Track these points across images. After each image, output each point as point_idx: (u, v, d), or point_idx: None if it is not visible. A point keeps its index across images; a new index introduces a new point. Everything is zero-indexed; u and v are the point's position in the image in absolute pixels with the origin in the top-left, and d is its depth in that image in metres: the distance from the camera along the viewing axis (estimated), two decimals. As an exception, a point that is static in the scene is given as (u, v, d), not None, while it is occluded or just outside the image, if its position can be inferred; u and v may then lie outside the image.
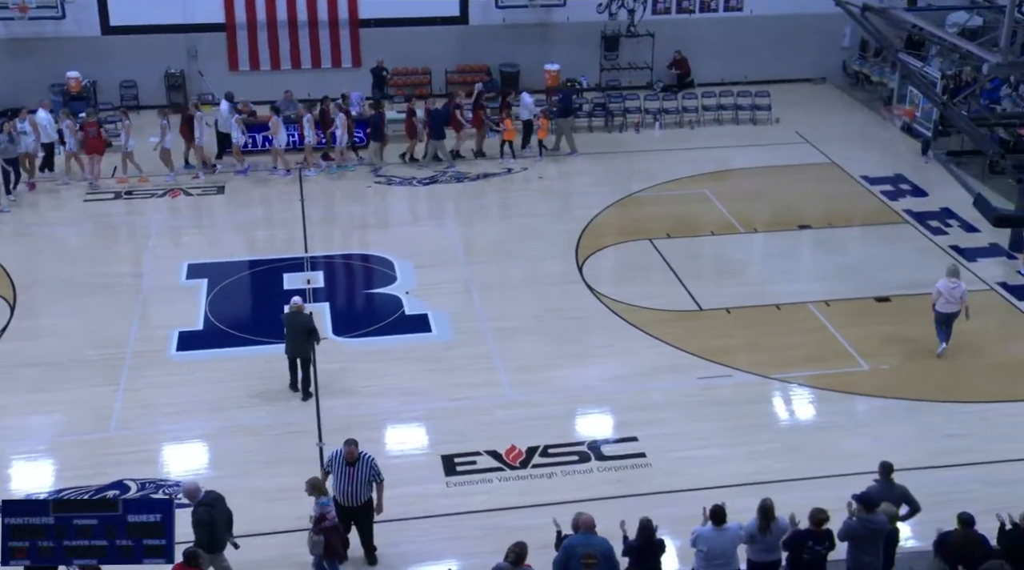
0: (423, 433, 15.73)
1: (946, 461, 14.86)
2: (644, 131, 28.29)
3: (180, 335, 18.11)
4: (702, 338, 17.96)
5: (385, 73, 28.48)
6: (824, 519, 11.63)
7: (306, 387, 16.42)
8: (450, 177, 24.95)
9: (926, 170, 25.19)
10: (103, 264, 20.72)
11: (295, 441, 15.31)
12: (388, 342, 18.02)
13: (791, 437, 15.63)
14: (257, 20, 29.09)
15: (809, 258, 21.57)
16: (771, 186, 24.60)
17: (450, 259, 21.02)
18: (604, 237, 21.85)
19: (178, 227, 22.58)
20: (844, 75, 32.10)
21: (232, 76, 29.14)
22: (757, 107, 28.84)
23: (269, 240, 21.94)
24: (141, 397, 16.38)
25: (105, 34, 28.68)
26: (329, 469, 12.89)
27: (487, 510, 13.94)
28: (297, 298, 16.81)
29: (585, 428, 15.82)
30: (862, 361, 17.39)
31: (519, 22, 29.91)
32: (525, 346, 17.79)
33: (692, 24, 30.90)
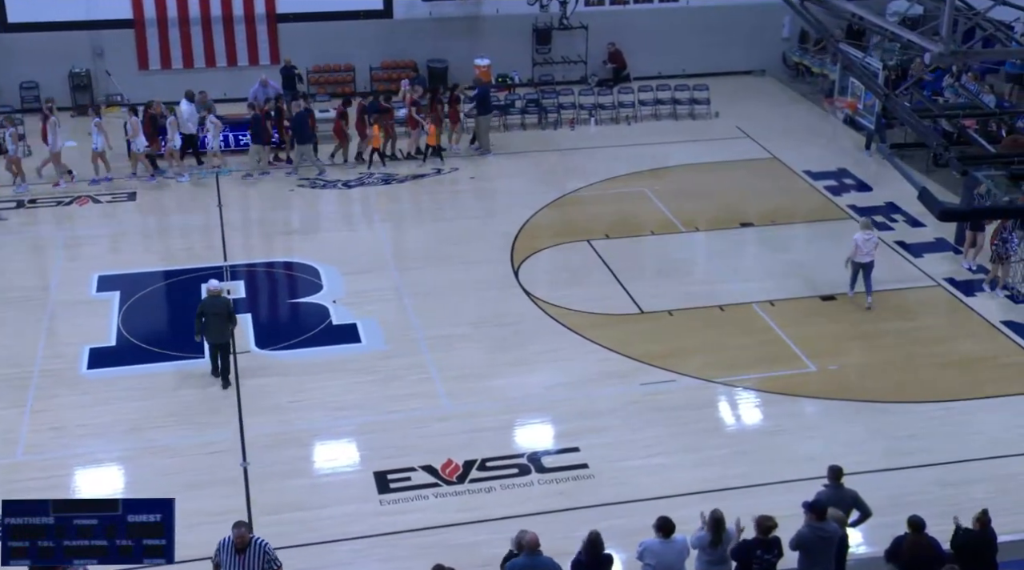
0: (355, 449, 15.62)
1: (899, 463, 15.10)
2: (579, 128, 28.43)
3: (91, 351, 17.79)
4: (644, 342, 18.07)
5: (295, 70, 28.01)
6: (771, 526, 11.72)
7: (226, 374, 16.75)
8: (377, 179, 24.83)
9: (870, 164, 25.65)
10: (6, 277, 20.27)
11: (218, 461, 15.10)
12: (315, 354, 17.87)
13: (739, 442, 15.77)
14: (168, 16, 28.70)
15: (752, 257, 21.81)
16: (712, 183, 24.85)
17: (379, 265, 20.91)
18: (540, 239, 21.90)
19: (87, 237, 22.17)
20: (784, 67, 32.57)
21: (142, 75, 28.73)
22: (695, 101, 29.12)
23: (185, 249, 21.62)
24: (51, 418, 16.04)
25: (3, 31, 28.09)
26: (218, 560, 11.65)
27: (424, 528, 13.86)
28: (214, 281, 17.21)
29: (525, 439, 15.82)
30: (809, 362, 17.61)
31: (446, 15, 29.89)
32: (461, 355, 17.76)
33: (627, 15, 31.14)
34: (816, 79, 31.37)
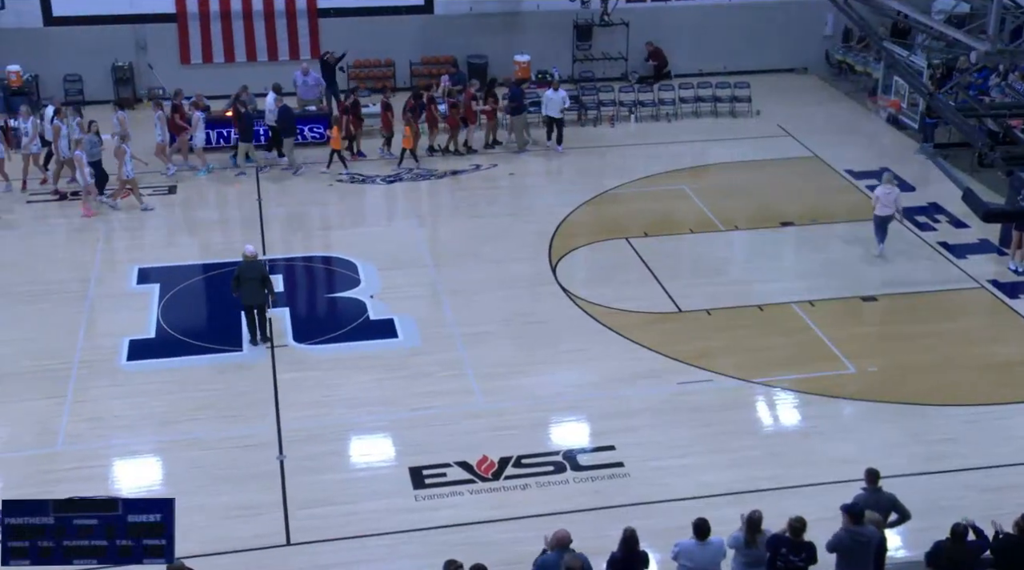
0: (389, 444, 15.69)
1: (937, 467, 14.98)
2: (619, 125, 28.37)
3: (131, 343, 17.98)
4: (681, 341, 18.03)
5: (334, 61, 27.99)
6: (801, 528, 11.65)
7: (264, 331, 17.70)
8: (415, 175, 24.92)
9: (913, 164, 25.40)
10: (47, 270, 20.53)
11: (254, 454, 15.23)
12: (352, 349, 17.97)
13: (774, 444, 15.71)
14: (210, 10, 28.94)
15: (792, 256, 21.69)
16: (752, 181, 24.73)
17: (417, 261, 20.99)
18: (578, 236, 21.89)
19: (127, 229, 22.42)
20: (827, 65, 32.32)
21: (184, 69, 28.99)
22: (737, 99, 28.98)
23: (225, 242, 21.79)
24: (89, 410, 16.25)
25: (48, 25, 28.45)
26: None
27: (458, 524, 13.92)
28: (250, 246, 17.99)
29: (560, 437, 15.84)
30: (848, 363, 17.51)
31: (486, 11, 29.92)
32: (496, 352, 17.79)
33: (668, 12, 31.03)
34: (859, 77, 31.11)
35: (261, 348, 17.78)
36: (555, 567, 11.36)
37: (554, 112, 25.96)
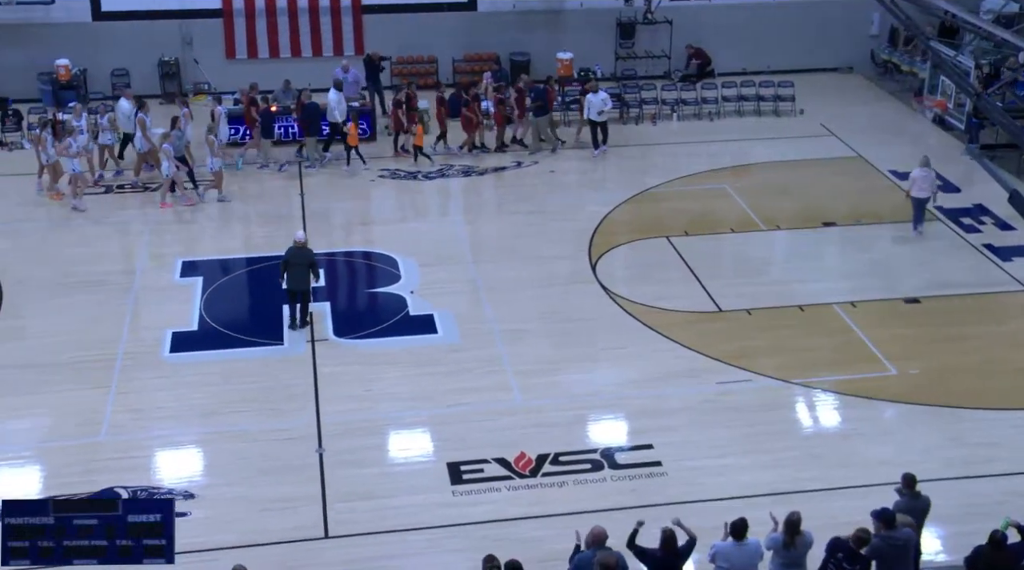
0: (428, 439, 15.75)
1: (978, 471, 14.83)
2: (661, 123, 28.28)
3: (174, 336, 18.16)
4: (721, 341, 17.95)
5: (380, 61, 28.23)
6: (865, 541, 11.53)
7: (304, 315, 18.11)
8: (457, 171, 24.97)
9: (959, 165, 25.14)
10: (93, 262, 20.77)
11: (293, 447, 15.34)
12: (392, 344, 18.05)
13: (813, 445, 15.61)
14: (255, 6, 29.15)
15: (834, 257, 21.53)
16: (794, 181, 24.57)
17: (457, 257, 21.04)
18: (618, 234, 21.85)
19: (172, 223, 22.63)
20: (872, 64, 32.04)
21: (229, 64, 29.22)
22: (780, 98, 28.80)
23: (267, 236, 21.95)
24: (132, 400, 16.43)
25: (96, 20, 28.79)
26: None
27: (495, 520, 13.95)
28: (300, 233, 18.71)
29: (598, 435, 15.82)
30: (889, 365, 17.36)
31: (530, 8, 29.91)
32: (535, 349, 17.80)
33: (712, 11, 30.86)
34: (905, 77, 30.81)
35: (302, 342, 17.91)
36: (592, 565, 11.35)
37: (594, 115, 25.60)
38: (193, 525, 13.75)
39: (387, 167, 24.89)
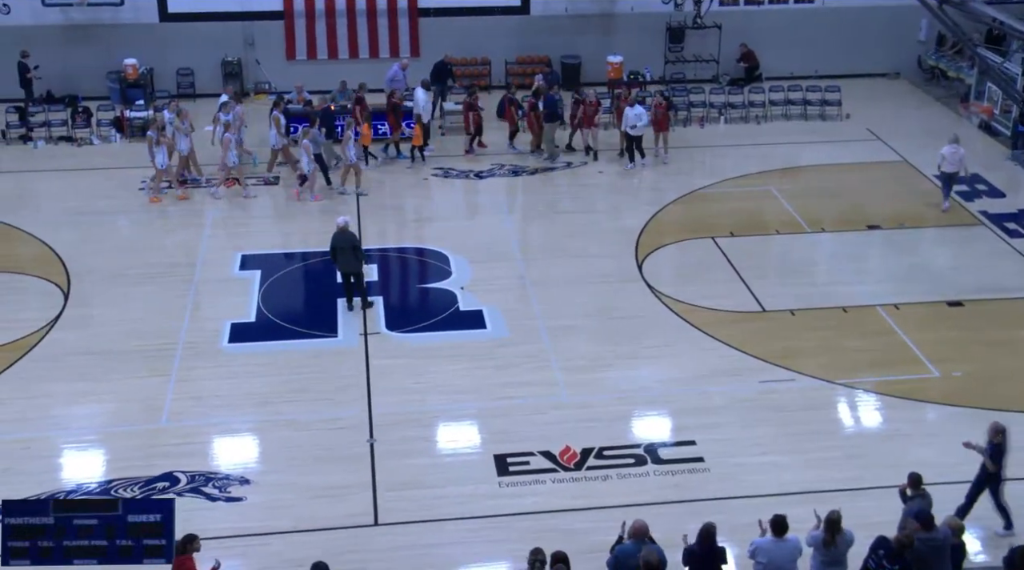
0: (475, 432, 15.77)
1: (1019, 473, 14.56)
2: (709, 126, 28.09)
3: (232, 327, 18.33)
4: (765, 340, 17.80)
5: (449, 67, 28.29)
6: (908, 545, 11.39)
7: (362, 296, 18.64)
8: (507, 170, 24.95)
9: (1004, 170, 24.74)
10: (156, 254, 21.01)
11: (345, 437, 15.43)
12: (442, 338, 18.09)
13: (855, 445, 15.44)
14: (316, 8, 29.32)
15: (878, 259, 21.27)
16: (840, 184, 24.30)
17: (506, 255, 21.04)
18: (665, 234, 21.74)
19: (232, 217, 22.84)
20: (919, 70, 31.59)
21: (289, 65, 29.42)
22: (827, 102, 28.50)
23: (323, 232, 22.03)
24: (192, 388, 16.61)
25: (163, 21, 29.07)
26: None
27: (539, 512, 13.95)
28: (341, 217, 18.90)
29: (641, 430, 15.76)
30: (932, 367, 17.13)
31: (582, 12, 29.81)
32: (581, 345, 17.76)
33: (760, 16, 30.60)
34: (951, 83, 30.36)
35: (355, 334, 18.00)
36: (632, 556, 11.32)
37: (628, 128, 24.80)
38: (248, 510, 13.90)
39: (441, 166, 24.91)
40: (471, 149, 25.72)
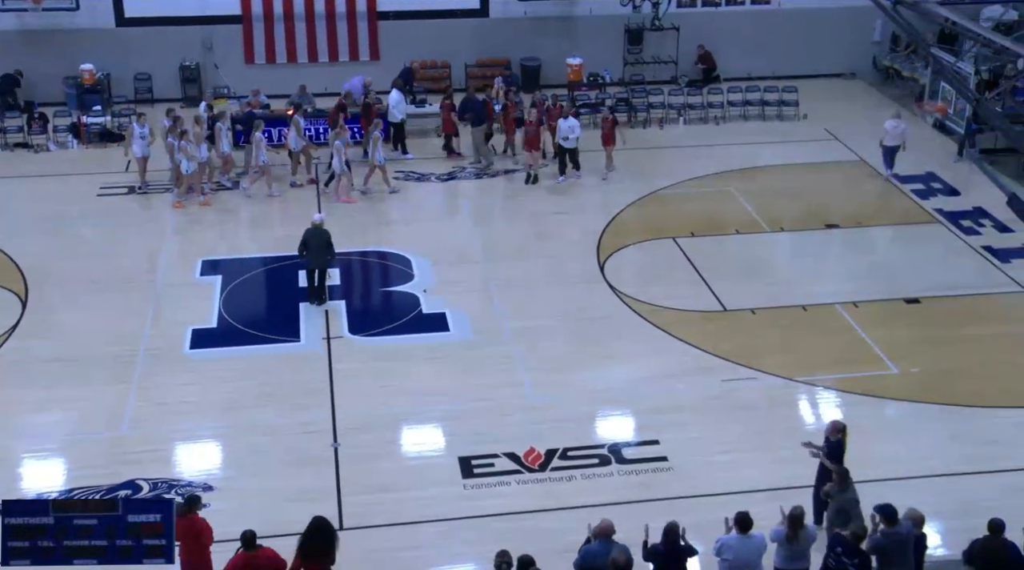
0: (440, 434, 15.75)
1: (978, 467, 14.78)
2: (668, 127, 28.23)
3: (194, 332, 18.19)
4: (726, 339, 17.91)
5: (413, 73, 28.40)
6: (863, 537, 11.52)
7: (321, 293, 18.89)
8: (469, 173, 24.94)
9: (958, 169, 25.07)
10: (117, 260, 20.81)
11: (309, 442, 15.35)
12: (405, 341, 18.05)
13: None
14: (274, 12, 29.16)
15: (837, 258, 21.47)
16: (798, 184, 24.50)
17: (469, 257, 21.04)
18: (626, 235, 21.81)
19: (193, 223, 22.65)
20: (874, 70, 31.92)
21: (248, 69, 29.24)
22: (784, 103, 28.73)
23: (285, 237, 21.92)
24: (154, 395, 16.46)
25: (120, 26, 28.78)
26: None
27: (505, 513, 13.95)
28: (318, 214, 19.50)
29: (606, 431, 15.81)
30: (891, 364, 17.30)
31: (541, 14, 29.86)
32: (545, 347, 17.79)
33: (718, 17, 30.80)
34: (906, 83, 30.71)
35: (318, 339, 17.92)
36: (599, 557, 11.34)
37: (560, 140, 24.07)
38: (211, 516, 13.64)
39: (402, 169, 24.84)
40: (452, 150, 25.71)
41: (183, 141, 22.68)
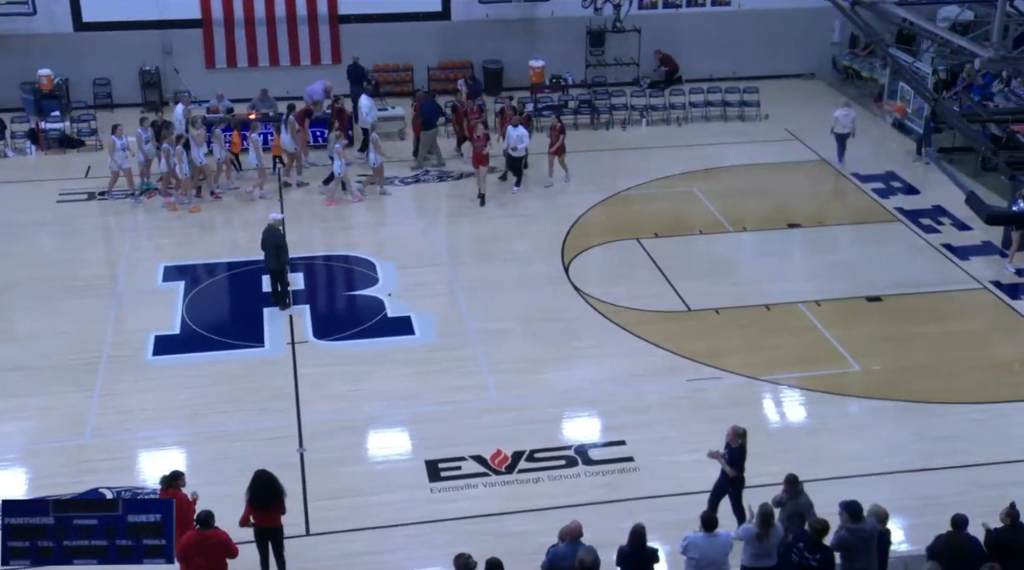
0: (407, 438, 15.72)
1: (940, 463, 14.94)
2: (631, 128, 28.35)
3: (156, 339, 18.06)
4: (691, 339, 18.01)
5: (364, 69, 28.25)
6: (823, 531, 11.60)
7: (284, 297, 18.75)
8: (433, 176, 24.92)
9: (918, 167, 25.35)
10: (78, 266, 20.63)
11: (275, 447, 15.27)
12: (370, 345, 18.01)
13: (782, 440, 15.68)
14: (234, 16, 29.01)
15: (799, 257, 21.65)
16: (760, 184, 24.68)
17: (434, 260, 21.02)
18: (590, 237, 21.88)
19: (154, 228, 22.49)
20: (834, 70, 32.21)
21: (208, 73, 29.07)
22: (745, 103, 28.93)
23: (248, 241, 21.81)
24: (117, 403, 16.33)
25: (77, 31, 28.54)
26: None
27: (473, 516, 13.94)
28: (274, 213, 19.49)
29: (572, 432, 15.85)
30: (853, 362, 17.47)
31: (503, 17, 29.91)
32: (511, 348, 17.81)
33: (679, 19, 30.97)
34: (865, 83, 31.01)
35: (282, 343, 17.85)
36: (567, 559, 11.37)
37: (510, 150, 23.80)
38: (178, 524, 13.67)
39: (366, 172, 24.76)
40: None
41: (178, 146, 22.66)
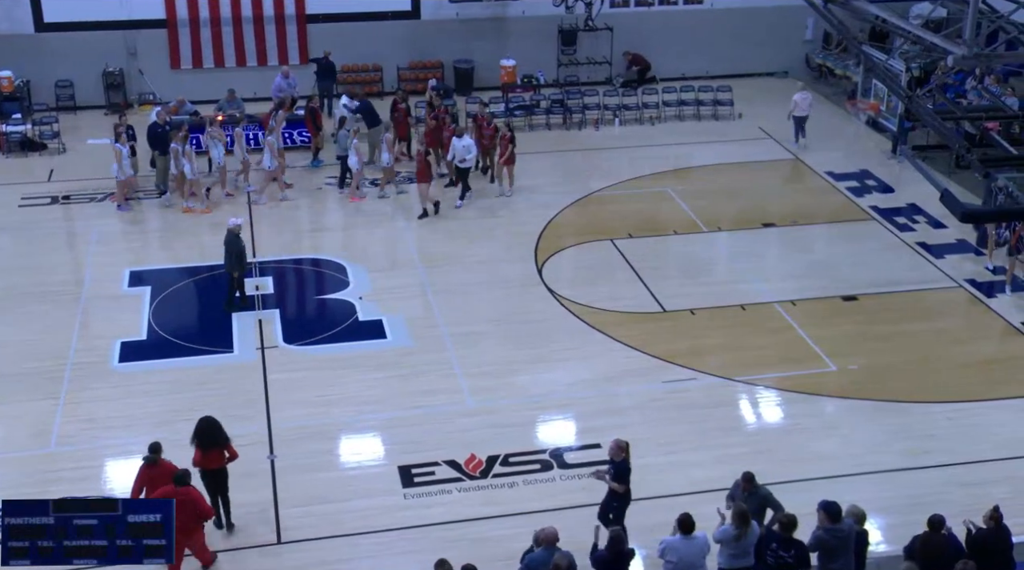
0: (379, 443, 15.67)
1: (917, 462, 15.04)
2: (603, 128, 28.40)
3: (122, 345, 17.93)
4: (666, 340, 18.05)
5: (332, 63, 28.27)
6: (790, 525, 11.69)
7: (230, 300, 18.99)
8: (403, 178, 24.85)
9: (892, 166, 25.53)
10: (41, 272, 20.43)
11: (246, 454, 15.06)
12: (342, 349, 17.94)
13: (759, 441, 15.74)
14: (200, 16, 28.84)
15: (774, 257, 21.74)
16: (735, 183, 24.77)
17: (405, 263, 20.98)
18: (564, 238, 21.90)
19: (119, 232, 22.32)
20: (807, 68, 32.40)
21: (174, 74, 28.91)
22: (719, 102, 29.05)
23: (215, 245, 21.68)
24: (83, 411, 16.19)
25: (39, 31, 28.30)
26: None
27: (447, 522, 13.92)
28: (232, 218, 19.33)
29: (547, 435, 15.84)
30: (829, 361, 17.56)
31: (473, 16, 29.90)
32: (485, 351, 17.79)
33: (652, 17, 31.07)
34: (839, 81, 31.22)
35: (252, 349, 17.76)
36: (543, 564, 11.36)
37: (457, 161, 23.38)
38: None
39: (335, 174, 24.67)
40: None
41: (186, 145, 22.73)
